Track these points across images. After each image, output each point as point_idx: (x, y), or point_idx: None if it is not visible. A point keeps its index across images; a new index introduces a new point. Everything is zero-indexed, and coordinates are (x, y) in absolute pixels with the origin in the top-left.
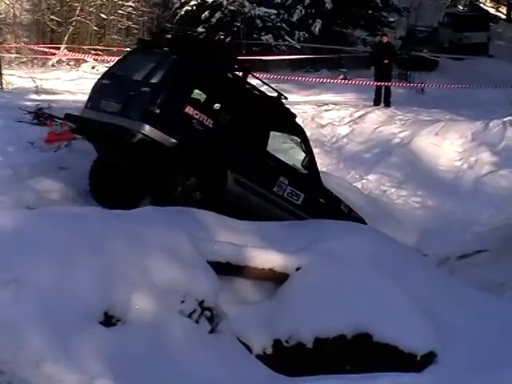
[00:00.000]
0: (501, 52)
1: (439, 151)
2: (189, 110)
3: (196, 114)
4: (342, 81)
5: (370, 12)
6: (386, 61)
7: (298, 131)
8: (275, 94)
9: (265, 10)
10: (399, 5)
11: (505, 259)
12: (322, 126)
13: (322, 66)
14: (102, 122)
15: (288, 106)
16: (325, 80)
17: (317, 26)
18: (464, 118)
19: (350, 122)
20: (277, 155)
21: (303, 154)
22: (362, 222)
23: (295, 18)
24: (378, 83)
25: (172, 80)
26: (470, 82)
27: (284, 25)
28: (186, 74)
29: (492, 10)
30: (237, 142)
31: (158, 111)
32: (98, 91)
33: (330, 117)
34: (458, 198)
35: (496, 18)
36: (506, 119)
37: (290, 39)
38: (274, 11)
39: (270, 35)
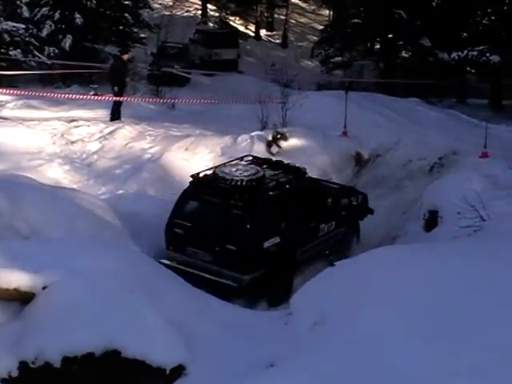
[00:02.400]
0: (250, 68)
1: (189, 166)
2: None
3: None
4: (93, 97)
5: (122, 28)
6: (128, 78)
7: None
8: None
9: (12, 24)
10: (150, 21)
11: None
12: (72, 143)
13: (73, 81)
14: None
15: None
16: (75, 96)
17: (67, 42)
18: (214, 132)
19: (100, 138)
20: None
21: None
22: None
23: (45, 33)
24: (118, 98)
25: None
26: (221, 98)
27: (33, 40)
28: None
29: (241, 28)
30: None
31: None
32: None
33: (80, 133)
34: None
35: (245, 36)
36: (253, 134)
37: (39, 55)
38: (23, 26)
39: (18, 50)
